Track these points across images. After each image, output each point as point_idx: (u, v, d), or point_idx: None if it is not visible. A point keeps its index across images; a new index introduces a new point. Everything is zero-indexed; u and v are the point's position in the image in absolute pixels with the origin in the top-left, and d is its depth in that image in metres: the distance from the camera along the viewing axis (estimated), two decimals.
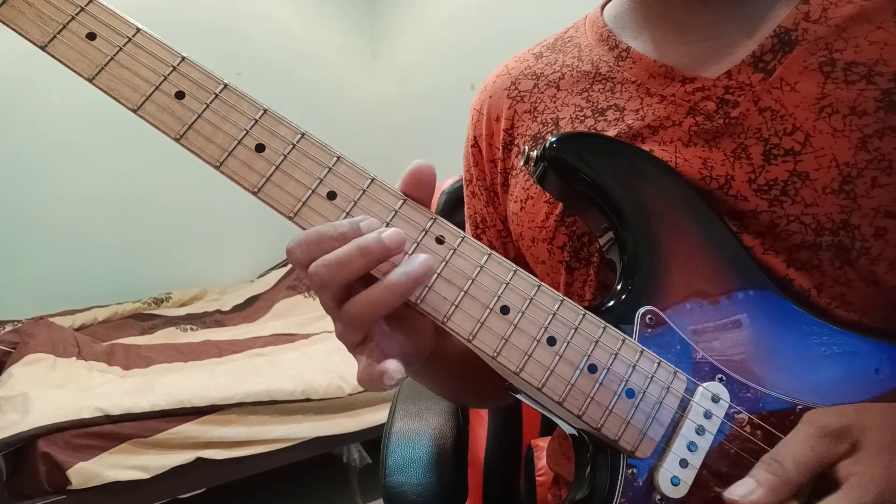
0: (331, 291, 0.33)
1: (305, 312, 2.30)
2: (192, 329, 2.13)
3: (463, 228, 0.44)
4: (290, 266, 2.61)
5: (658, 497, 0.35)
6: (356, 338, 0.35)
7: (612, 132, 0.47)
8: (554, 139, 0.41)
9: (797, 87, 0.41)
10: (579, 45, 0.54)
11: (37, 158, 2.23)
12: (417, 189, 0.36)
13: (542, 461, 0.63)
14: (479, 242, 0.36)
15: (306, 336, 2.02)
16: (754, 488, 0.32)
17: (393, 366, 0.33)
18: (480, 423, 0.73)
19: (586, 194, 0.41)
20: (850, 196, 0.39)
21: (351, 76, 3.16)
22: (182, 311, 2.32)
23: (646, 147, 0.45)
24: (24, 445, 1.29)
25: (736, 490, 0.33)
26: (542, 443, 0.66)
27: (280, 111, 0.37)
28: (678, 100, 0.45)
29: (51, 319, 1.95)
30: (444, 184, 0.80)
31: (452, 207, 0.78)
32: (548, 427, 0.72)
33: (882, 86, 0.39)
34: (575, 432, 0.39)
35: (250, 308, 2.38)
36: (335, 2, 3.10)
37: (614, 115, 0.47)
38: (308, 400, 1.61)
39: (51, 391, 1.44)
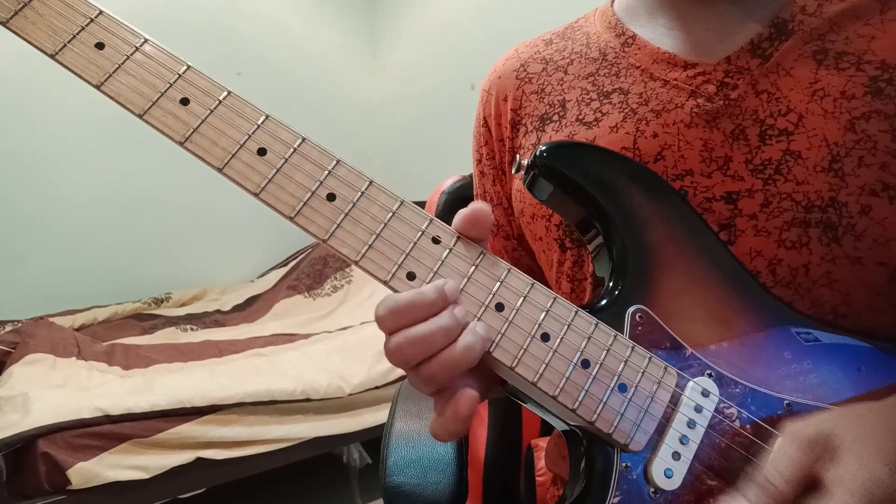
0: (410, 364, 0.34)
1: (305, 312, 2.30)
2: (192, 329, 2.14)
3: None
4: (290, 266, 2.61)
5: (652, 490, 0.36)
6: (430, 391, 0.36)
7: (617, 114, 0.48)
8: (544, 147, 0.42)
9: (792, 71, 0.44)
10: (588, 33, 0.56)
11: (37, 158, 2.24)
12: (472, 229, 0.37)
13: (542, 461, 0.63)
14: (472, 242, 0.37)
15: (306, 336, 2.02)
16: None
17: (466, 394, 0.34)
18: (480, 424, 0.73)
19: (576, 201, 0.42)
20: (839, 174, 0.41)
21: (351, 76, 3.16)
22: (182, 311, 2.32)
23: (649, 129, 0.47)
24: (24, 445, 1.29)
25: None
26: (542, 443, 0.66)
27: (280, 111, 0.37)
28: (680, 84, 0.47)
29: (51, 319, 1.95)
30: (444, 184, 0.80)
31: (452, 207, 0.78)
32: (548, 427, 0.72)
33: (869, 73, 0.42)
34: (568, 428, 0.39)
35: (250, 308, 2.38)
36: (335, 2, 3.10)
37: (619, 98, 0.49)
38: (308, 400, 1.61)
39: (51, 391, 1.43)
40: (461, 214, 0.37)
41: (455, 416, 0.34)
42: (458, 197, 0.79)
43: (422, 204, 0.82)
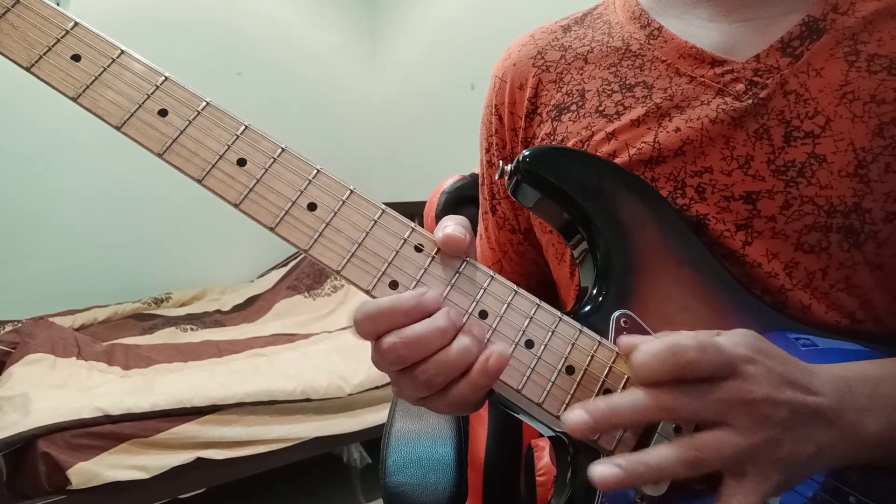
0: (403, 365, 0.34)
1: (305, 312, 2.31)
2: (192, 329, 2.14)
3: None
4: (290, 266, 2.61)
5: (639, 496, 0.36)
6: (422, 396, 0.35)
7: (640, 109, 0.47)
8: (527, 153, 0.42)
9: (823, 72, 0.43)
10: (609, 21, 0.54)
11: (37, 158, 2.24)
12: (449, 251, 0.37)
13: (542, 461, 0.63)
14: None
15: (306, 336, 2.02)
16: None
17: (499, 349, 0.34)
18: (480, 424, 0.73)
19: (560, 206, 0.42)
20: (864, 180, 0.41)
21: (351, 76, 3.16)
22: (182, 311, 2.32)
23: (672, 124, 0.46)
24: (24, 445, 1.29)
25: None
26: (543, 443, 0.66)
27: (280, 111, 0.37)
28: (707, 81, 0.46)
29: (51, 319, 1.95)
30: (444, 184, 0.80)
31: (453, 207, 0.78)
32: None
33: None
34: (554, 434, 0.39)
35: (250, 308, 2.38)
36: (335, 2, 3.10)
37: (642, 93, 0.48)
38: (308, 400, 1.61)
39: (51, 391, 1.44)
40: (438, 237, 0.36)
41: (483, 373, 0.33)
42: (459, 197, 0.79)
43: (422, 204, 0.82)
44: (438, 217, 0.77)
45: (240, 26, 2.74)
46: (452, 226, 0.36)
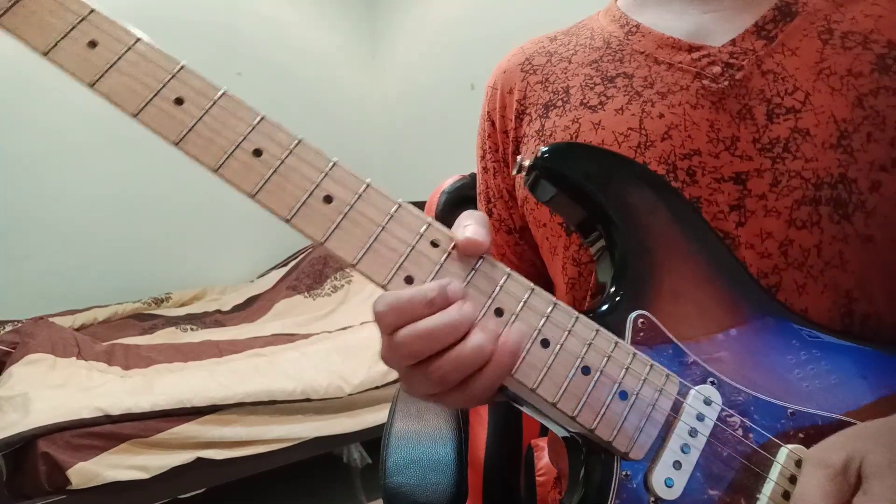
0: (417, 359, 0.34)
1: (305, 312, 2.30)
2: (192, 329, 2.13)
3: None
4: (290, 266, 2.61)
5: (652, 499, 0.35)
6: (436, 391, 0.35)
7: (622, 97, 0.49)
8: (546, 149, 0.41)
9: (798, 51, 0.44)
10: (592, 27, 0.57)
11: (37, 158, 2.24)
12: (469, 252, 0.36)
13: (542, 461, 0.63)
14: None
15: (306, 336, 2.02)
16: None
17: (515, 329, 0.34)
18: (480, 423, 0.73)
19: (578, 203, 0.42)
20: (847, 150, 0.41)
21: (351, 76, 3.16)
22: (182, 311, 2.32)
23: (655, 110, 0.47)
24: (24, 445, 1.29)
25: None
26: (542, 443, 0.66)
27: (280, 111, 0.37)
28: (685, 66, 0.47)
29: (51, 319, 1.95)
30: (444, 184, 0.80)
31: (453, 207, 0.78)
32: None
33: (876, 51, 0.42)
34: (568, 435, 0.39)
35: (250, 308, 2.38)
36: (335, 2, 3.10)
37: (623, 82, 0.49)
38: (308, 400, 1.61)
39: (51, 391, 1.43)
40: (459, 238, 0.36)
41: (507, 352, 0.33)
42: (458, 197, 0.79)
43: (422, 204, 0.82)
44: (438, 217, 0.77)
45: (240, 26, 2.74)
46: (473, 226, 0.36)
